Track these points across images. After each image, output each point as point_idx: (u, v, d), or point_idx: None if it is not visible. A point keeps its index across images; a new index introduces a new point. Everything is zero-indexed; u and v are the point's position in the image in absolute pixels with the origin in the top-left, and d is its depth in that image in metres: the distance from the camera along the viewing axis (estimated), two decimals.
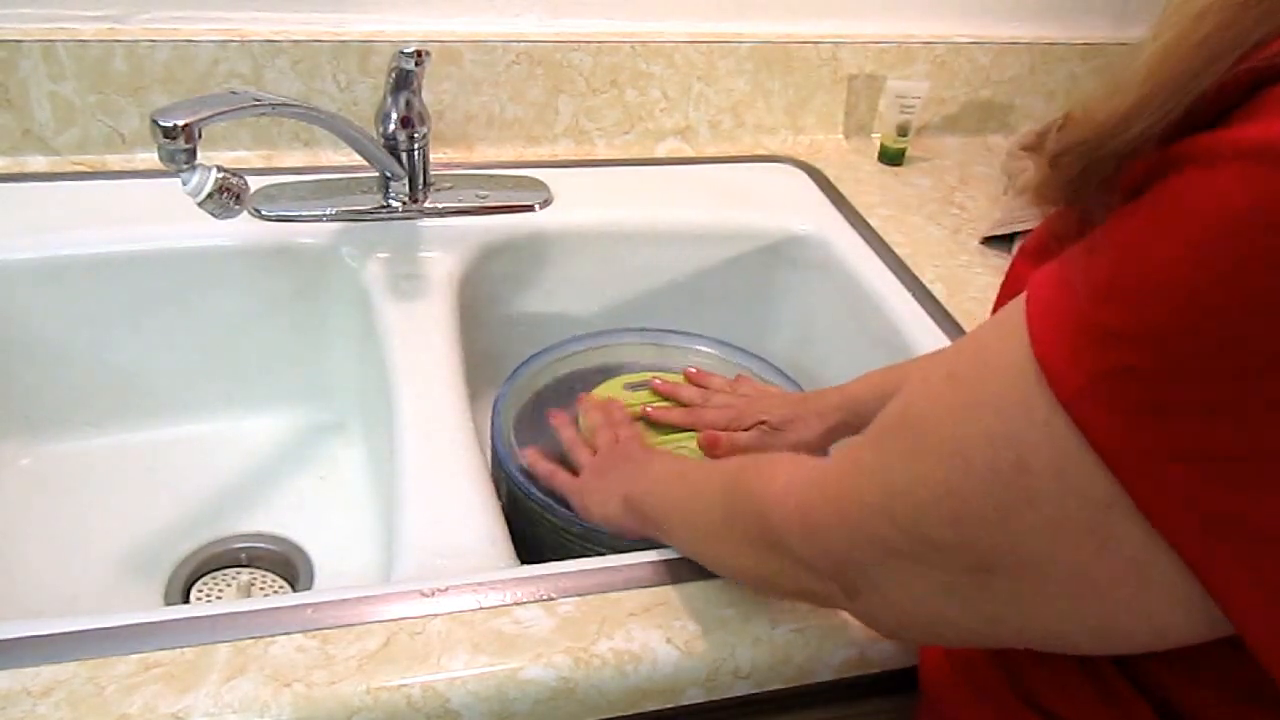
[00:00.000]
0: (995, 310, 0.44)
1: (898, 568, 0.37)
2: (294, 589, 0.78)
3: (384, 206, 0.84)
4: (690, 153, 1.04)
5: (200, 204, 0.68)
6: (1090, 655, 0.38)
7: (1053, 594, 0.33)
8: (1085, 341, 0.29)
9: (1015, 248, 0.92)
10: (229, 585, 0.78)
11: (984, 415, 0.32)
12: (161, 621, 0.49)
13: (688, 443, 0.75)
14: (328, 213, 0.83)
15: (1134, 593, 0.31)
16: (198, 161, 0.67)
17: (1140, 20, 1.15)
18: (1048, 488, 0.30)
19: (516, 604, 0.52)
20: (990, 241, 0.92)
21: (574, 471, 0.70)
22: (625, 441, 0.70)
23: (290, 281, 0.84)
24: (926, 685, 0.50)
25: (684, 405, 0.79)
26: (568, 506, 0.67)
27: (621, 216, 0.91)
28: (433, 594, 0.52)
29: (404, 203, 0.85)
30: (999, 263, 0.90)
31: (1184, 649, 0.32)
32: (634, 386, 0.82)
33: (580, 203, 0.91)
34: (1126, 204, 0.30)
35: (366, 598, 0.51)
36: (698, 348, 0.87)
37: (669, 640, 0.51)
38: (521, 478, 0.70)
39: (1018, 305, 0.33)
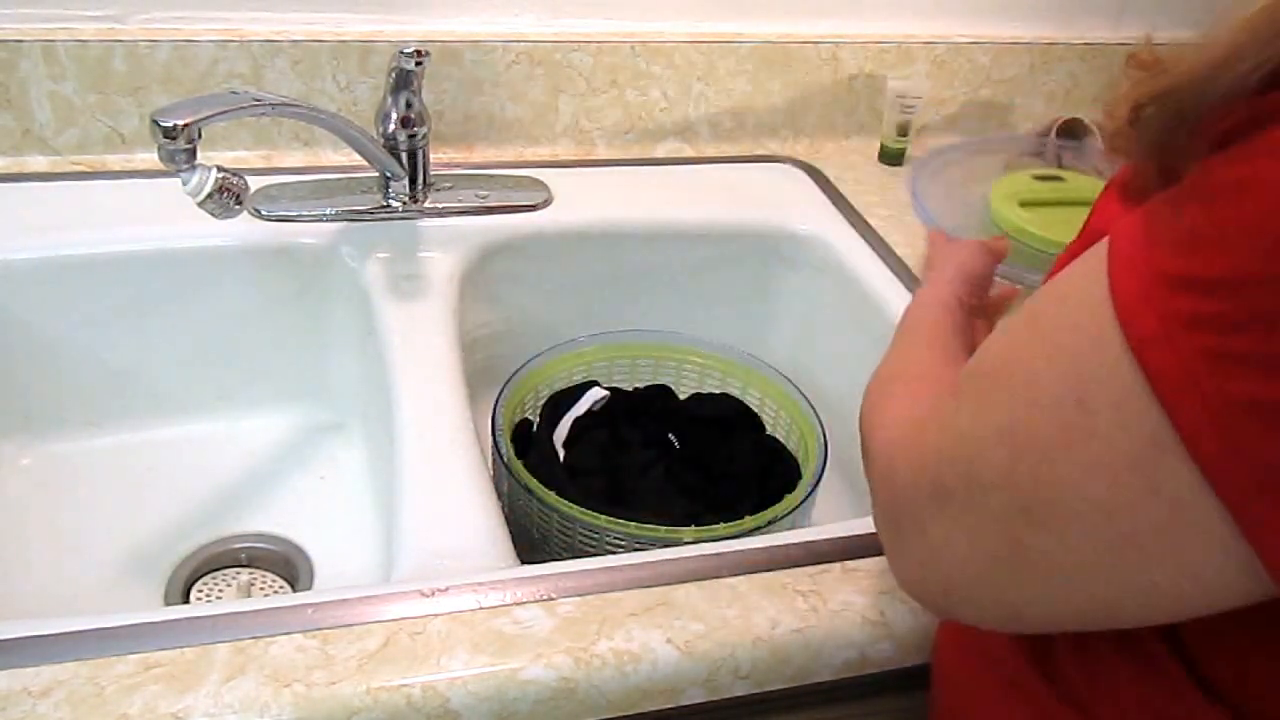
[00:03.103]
0: (1072, 246, 0.44)
1: (948, 516, 0.36)
2: (294, 589, 0.78)
3: (384, 206, 0.84)
4: (690, 153, 1.04)
5: (200, 204, 0.68)
6: (1134, 627, 0.38)
7: (1094, 544, 0.32)
8: (1162, 286, 0.29)
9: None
10: (229, 585, 0.77)
11: (1057, 352, 0.32)
12: (161, 621, 0.49)
13: None
14: (328, 213, 0.83)
15: (1176, 542, 0.30)
16: (198, 161, 0.67)
17: (1140, 20, 1.15)
18: (1103, 424, 0.31)
19: (516, 604, 0.52)
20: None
21: None
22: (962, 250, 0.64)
23: (290, 281, 0.84)
24: (943, 681, 0.50)
25: None
26: (572, 500, 0.67)
27: (621, 216, 0.91)
28: (433, 594, 0.52)
29: (404, 203, 0.85)
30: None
31: (1237, 631, 0.32)
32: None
33: (580, 203, 0.91)
34: (1214, 155, 0.30)
35: (366, 598, 0.51)
36: (697, 349, 0.87)
37: (669, 640, 0.51)
38: (521, 478, 0.70)
39: (1100, 249, 0.33)
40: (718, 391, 0.87)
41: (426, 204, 0.85)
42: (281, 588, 0.78)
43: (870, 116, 1.09)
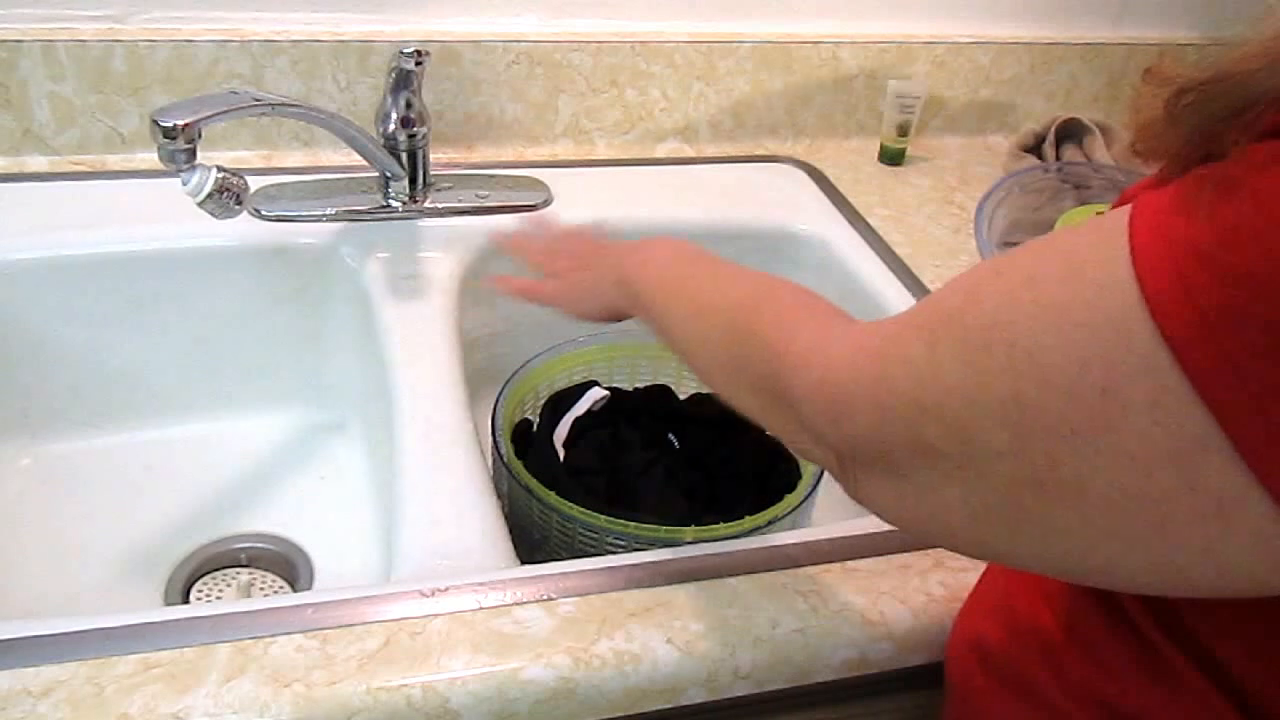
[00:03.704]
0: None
1: (930, 468, 0.35)
2: (294, 589, 0.78)
3: (384, 206, 0.84)
4: (690, 153, 1.04)
5: (200, 204, 0.68)
6: (1134, 592, 0.37)
7: (1115, 526, 0.31)
8: (1203, 279, 0.28)
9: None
10: (229, 585, 0.77)
11: (1071, 330, 0.30)
12: (161, 621, 0.49)
13: None
14: (328, 213, 0.83)
15: (1213, 534, 0.29)
16: (198, 161, 0.67)
17: (1140, 20, 1.15)
18: (1135, 418, 0.29)
19: (516, 604, 0.52)
20: (1004, 246, 0.92)
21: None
22: (605, 242, 0.64)
23: (290, 281, 0.84)
24: (956, 679, 0.50)
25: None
26: (572, 500, 0.67)
27: (621, 216, 0.91)
28: (433, 594, 0.52)
29: (404, 203, 0.85)
30: None
31: (1246, 622, 0.32)
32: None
33: (580, 203, 0.91)
34: (1262, 141, 0.28)
35: (366, 598, 0.51)
36: None
37: (669, 640, 0.51)
38: (521, 478, 0.70)
39: (1119, 219, 0.31)
40: None
41: (426, 204, 0.85)
42: (281, 588, 0.78)
43: (870, 116, 1.09)
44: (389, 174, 0.83)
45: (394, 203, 0.84)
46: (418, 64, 0.79)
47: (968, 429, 0.33)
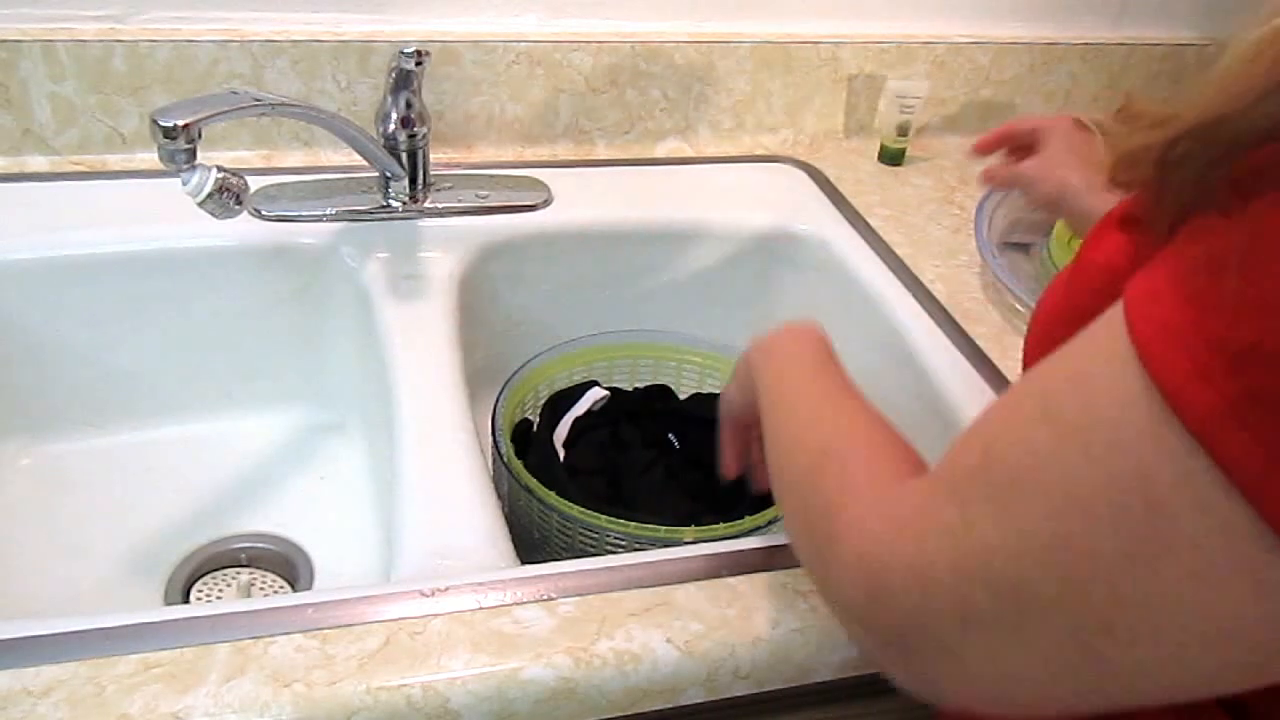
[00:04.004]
0: (1064, 277, 0.41)
1: (986, 638, 0.33)
2: (294, 589, 0.78)
3: (384, 206, 0.84)
4: (690, 153, 1.04)
5: (200, 204, 0.68)
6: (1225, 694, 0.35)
7: (1188, 647, 0.29)
8: (1220, 361, 0.26)
9: (1030, 252, 0.92)
10: (229, 585, 0.77)
11: (1101, 454, 0.29)
12: (161, 621, 0.49)
13: None
14: (328, 213, 0.83)
15: None
16: (198, 161, 0.67)
17: (1140, 20, 1.15)
18: (1189, 528, 0.27)
19: (516, 604, 0.52)
20: (1003, 246, 0.92)
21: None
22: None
23: (290, 281, 0.84)
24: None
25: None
26: (571, 500, 0.67)
27: (621, 216, 0.91)
28: (433, 594, 0.52)
29: (404, 203, 0.85)
30: (1000, 261, 0.89)
31: None
32: None
33: (580, 203, 0.91)
34: (1242, 200, 0.27)
35: (366, 598, 0.51)
36: (697, 349, 0.87)
37: (669, 640, 0.51)
38: (521, 478, 0.70)
39: (1114, 325, 0.30)
40: (718, 391, 0.87)
41: (426, 204, 0.85)
42: (281, 588, 0.78)
43: (870, 116, 1.09)
44: (389, 174, 0.83)
45: (394, 203, 0.84)
46: (418, 64, 0.78)
47: (1017, 587, 0.31)
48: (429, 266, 0.82)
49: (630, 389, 0.87)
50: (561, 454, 0.80)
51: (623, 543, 0.64)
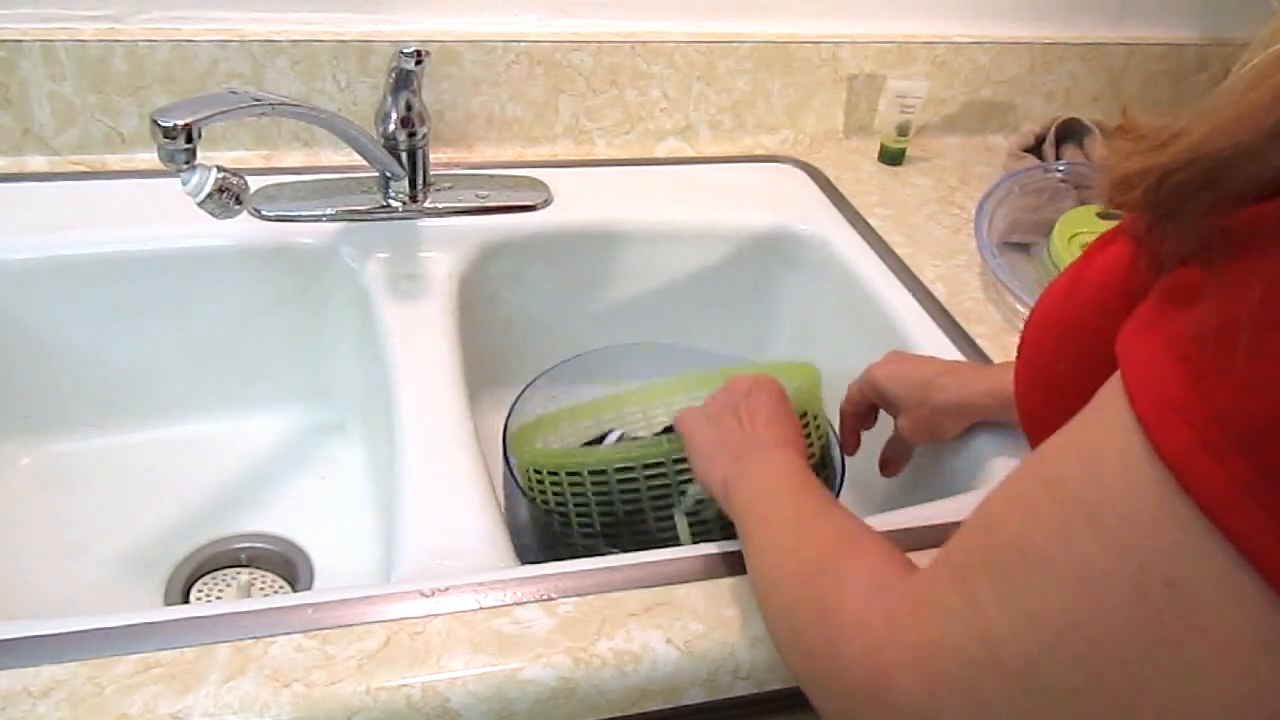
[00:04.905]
0: (1058, 286, 0.39)
1: None
2: (294, 589, 0.78)
3: (384, 206, 0.84)
4: (690, 153, 1.04)
5: (200, 204, 0.68)
6: None
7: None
8: (1228, 438, 0.25)
9: (1030, 252, 0.92)
10: (229, 585, 0.77)
11: (1115, 528, 0.27)
12: (161, 621, 0.49)
13: None
14: (328, 213, 0.83)
15: None
16: (198, 161, 0.67)
17: (1140, 20, 1.15)
18: (1212, 605, 0.26)
19: (516, 604, 0.52)
20: (1003, 246, 0.92)
21: None
22: (752, 399, 0.59)
23: (290, 281, 0.84)
24: None
25: None
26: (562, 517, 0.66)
27: (621, 216, 0.91)
28: (433, 594, 0.52)
29: (404, 203, 0.85)
30: (1000, 261, 0.89)
31: None
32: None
33: (580, 203, 0.91)
34: (1236, 252, 0.26)
35: (366, 598, 0.51)
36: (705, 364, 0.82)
37: (669, 640, 0.51)
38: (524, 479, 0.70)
39: (1115, 395, 0.28)
40: None
41: (426, 204, 0.85)
42: (281, 588, 0.78)
43: (870, 116, 1.09)
44: (389, 174, 0.83)
45: (394, 203, 0.84)
46: (418, 64, 0.78)
47: (1028, 675, 0.29)
48: (429, 266, 0.82)
49: (651, 434, 0.79)
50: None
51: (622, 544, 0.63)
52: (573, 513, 0.66)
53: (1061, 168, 0.96)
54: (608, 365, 0.81)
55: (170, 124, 0.64)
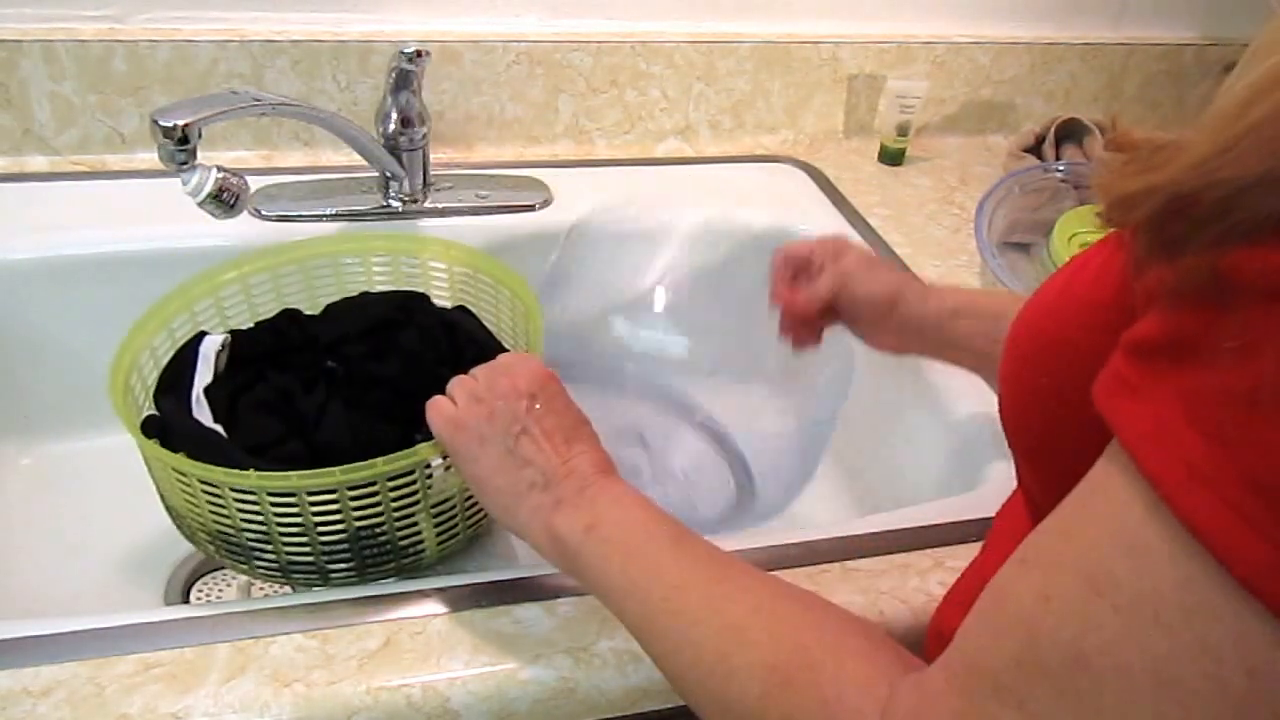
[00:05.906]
0: (1047, 291, 0.38)
1: None
2: (294, 589, 0.78)
3: (384, 206, 0.84)
4: (690, 153, 1.04)
5: (200, 204, 0.68)
6: None
7: None
8: (1261, 505, 0.24)
9: (1030, 252, 0.92)
10: (229, 585, 0.77)
11: (1176, 622, 0.26)
12: (161, 621, 0.49)
13: None
14: (328, 213, 0.83)
15: None
16: (198, 161, 0.67)
17: (1140, 20, 1.15)
18: None
19: (516, 604, 0.52)
20: (1003, 246, 0.92)
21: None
22: (540, 409, 0.48)
23: None
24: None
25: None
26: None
27: (621, 217, 0.91)
28: (432, 594, 0.52)
29: (404, 203, 0.85)
30: (1000, 261, 0.89)
31: None
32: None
33: (580, 203, 0.91)
34: (1252, 303, 0.24)
35: (366, 598, 0.51)
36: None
37: None
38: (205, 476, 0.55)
39: (1128, 475, 0.27)
40: (361, 286, 0.72)
41: (426, 204, 0.85)
42: (281, 588, 0.78)
43: (870, 116, 1.09)
44: (389, 174, 0.83)
45: (394, 203, 0.84)
46: (418, 64, 0.78)
47: None
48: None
49: (251, 325, 0.70)
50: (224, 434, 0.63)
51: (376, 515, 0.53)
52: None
53: (1061, 168, 0.96)
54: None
55: (170, 124, 0.64)
